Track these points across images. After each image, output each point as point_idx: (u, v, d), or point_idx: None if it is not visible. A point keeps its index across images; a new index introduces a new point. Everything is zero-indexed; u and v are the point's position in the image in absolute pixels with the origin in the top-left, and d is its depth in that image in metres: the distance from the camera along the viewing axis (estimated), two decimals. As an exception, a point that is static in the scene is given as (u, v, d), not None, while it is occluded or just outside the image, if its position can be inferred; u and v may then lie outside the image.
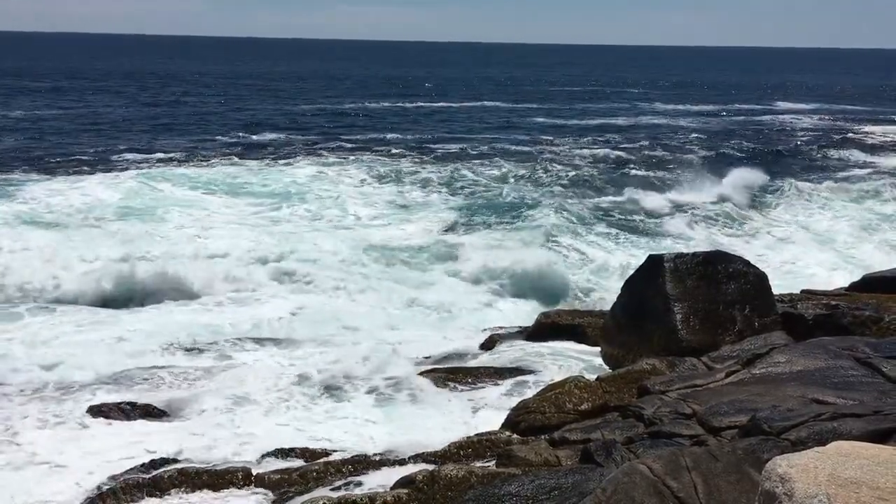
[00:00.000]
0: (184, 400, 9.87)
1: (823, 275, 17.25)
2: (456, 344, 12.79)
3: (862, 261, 18.36)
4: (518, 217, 21.65)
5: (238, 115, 45.19)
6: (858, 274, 13.72)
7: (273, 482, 7.39)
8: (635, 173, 28.68)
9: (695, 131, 42.12)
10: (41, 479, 7.99)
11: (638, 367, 9.26)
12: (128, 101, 50.93)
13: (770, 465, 3.15)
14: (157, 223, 19.68)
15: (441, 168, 28.22)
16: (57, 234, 17.91)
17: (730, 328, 10.32)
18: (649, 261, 11.26)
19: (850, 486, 2.94)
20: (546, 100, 64.18)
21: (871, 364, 7.68)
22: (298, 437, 8.84)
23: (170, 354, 12.07)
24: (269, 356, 12.03)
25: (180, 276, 15.37)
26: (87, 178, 24.15)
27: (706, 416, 6.82)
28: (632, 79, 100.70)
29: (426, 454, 7.99)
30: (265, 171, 26.40)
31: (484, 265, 16.81)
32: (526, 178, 27.17)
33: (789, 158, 33.45)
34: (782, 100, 66.91)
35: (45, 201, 21.27)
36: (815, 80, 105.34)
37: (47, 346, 12.35)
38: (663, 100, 66.45)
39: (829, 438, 5.13)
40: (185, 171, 25.75)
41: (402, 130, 40.47)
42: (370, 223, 20.93)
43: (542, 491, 5.68)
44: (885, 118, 51.64)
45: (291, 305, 14.54)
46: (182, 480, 7.37)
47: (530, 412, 8.58)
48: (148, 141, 33.35)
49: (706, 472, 4.82)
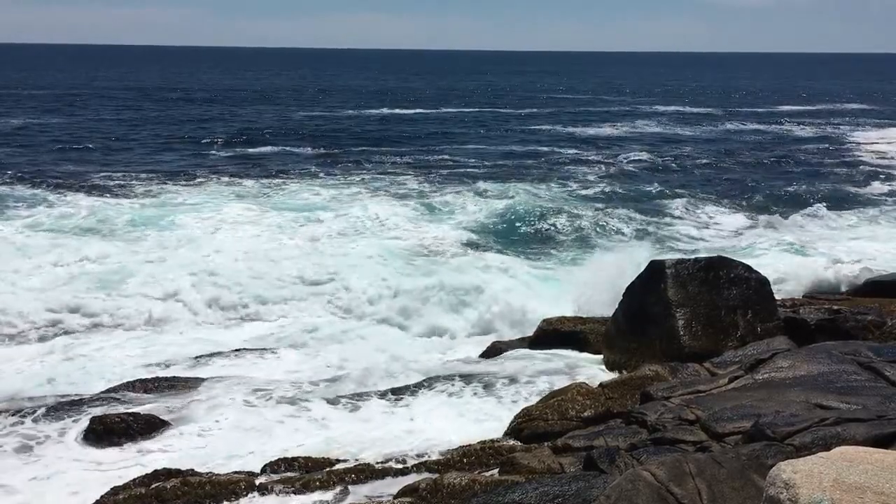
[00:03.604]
0: (187, 410, 9.86)
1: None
2: (458, 352, 12.79)
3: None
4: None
5: (236, 126, 45.16)
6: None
7: (276, 492, 7.38)
8: (669, 187, 28.08)
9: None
10: (41, 492, 7.97)
11: (640, 374, 9.25)
12: (114, 113, 50.49)
13: (774, 470, 3.15)
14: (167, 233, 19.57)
15: (445, 183, 27.75)
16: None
17: (732, 333, 10.33)
18: (651, 267, 11.28)
19: (855, 491, 2.94)
20: (550, 105, 64.35)
21: (875, 368, 7.68)
22: (302, 447, 8.82)
23: (174, 364, 12.08)
24: (274, 366, 12.03)
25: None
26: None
27: (709, 421, 6.82)
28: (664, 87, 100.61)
29: (429, 462, 7.98)
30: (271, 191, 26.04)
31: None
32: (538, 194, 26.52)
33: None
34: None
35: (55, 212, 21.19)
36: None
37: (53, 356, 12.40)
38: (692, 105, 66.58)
39: (832, 443, 5.13)
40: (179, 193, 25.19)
41: (403, 140, 40.53)
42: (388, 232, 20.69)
43: (545, 498, 5.68)
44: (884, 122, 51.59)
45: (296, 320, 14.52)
46: (185, 491, 7.36)
47: (533, 419, 8.57)
48: (139, 158, 32.82)
49: (710, 479, 4.81)
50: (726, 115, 57.96)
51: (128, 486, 7.67)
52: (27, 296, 14.72)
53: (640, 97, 77.85)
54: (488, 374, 10.82)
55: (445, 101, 69.19)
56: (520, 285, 16.13)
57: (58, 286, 15.32)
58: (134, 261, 17.25)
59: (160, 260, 17.35)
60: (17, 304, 14.30)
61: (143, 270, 16.43)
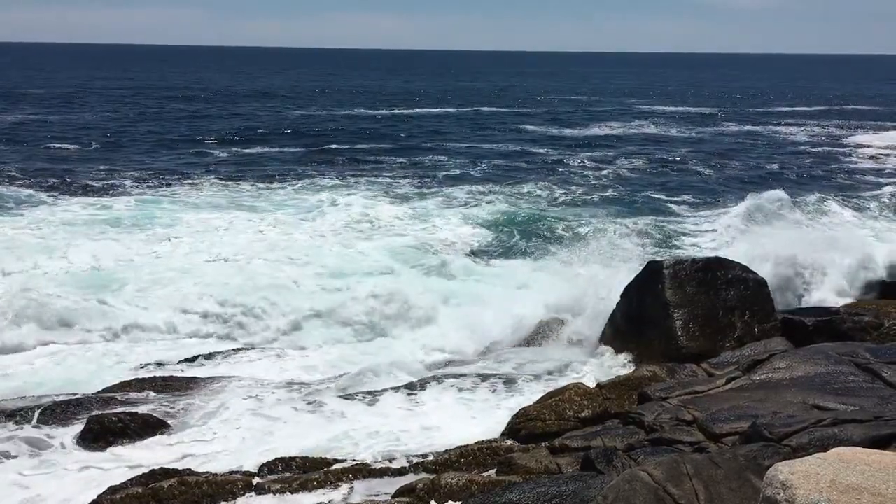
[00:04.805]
0: (184, 410, 9.85)
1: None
2: (453, 351, 12.80)
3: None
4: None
5: (235, 126, 45.10)
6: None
7: (273, 491, 7.37)
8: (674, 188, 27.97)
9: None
10: (39, 492, 7.96)
11: (638, 374, 9.26)
12: (114, 113, 50.50)
13: (771, 471, 3.15)
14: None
15: (448, 184, 27.68)
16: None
17: (729, 334, 10.34)
18: (649, 267, 11.29)
19: (852, 492, 2.95)
20: (545, 105, 64.37)
21: (872, 369, 7.69)
22: (299, 447, 8.81)
23: (171, 364, 12.08)
24: (271, 365, 12.03)
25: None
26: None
27: (707, 422, 6.83)
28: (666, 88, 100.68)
29: (426, 463, 7.98)
30: (269, 192, 25.99)
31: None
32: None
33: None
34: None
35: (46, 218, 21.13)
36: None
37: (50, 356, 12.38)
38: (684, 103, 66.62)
39: (830, 444, 5.13)
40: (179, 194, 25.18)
41: (399, 139, 40.51)
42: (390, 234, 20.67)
43: (542, 499, 5.68)
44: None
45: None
46: (182, 491, 7.35)
47: (530, 419, 8.58)
48: (141, 159, 32.91)
49: (707, 479, 4.82)
50: (724, 117, 57.99)
51: (125, 485, 7.66)
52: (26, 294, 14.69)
53: (638, 98, 77.90)
54: (485, 373, 10.82)
55: (444, 100, 69.20)
56: (519, 285, 16.13)
57: (57, 286, 15.29)
58: (130, 260, 17.24)
59: (156, 259, 17.34)
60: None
61: (140, 269, 16.41)
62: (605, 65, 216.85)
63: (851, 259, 14.02)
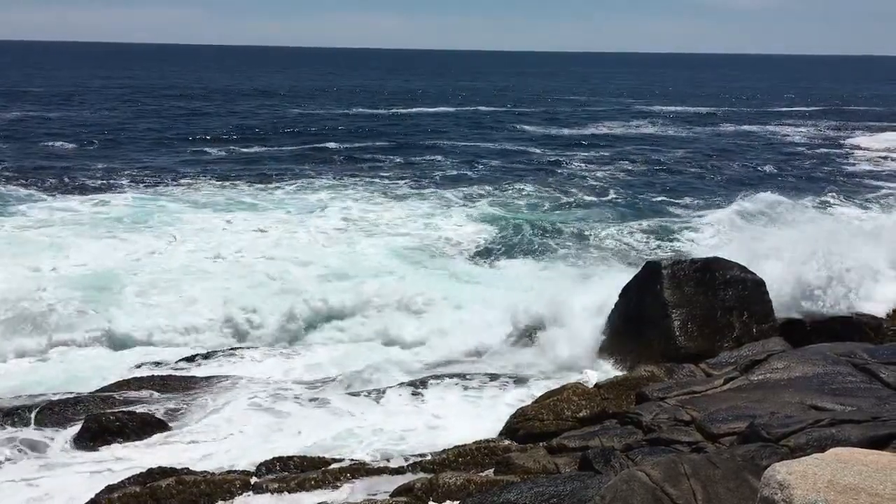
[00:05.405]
0: (182, 409, 9.85)
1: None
2: (453, 350, 12.79)
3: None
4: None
5: (234, 125, 45.05)
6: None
7: (271, 491, 7.37)
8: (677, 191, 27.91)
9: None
10: (38, 492, 7.96)
11: (636, 374, 9.26)
12: (113, 111, 50.42)
13: (769, 471, 3.15)
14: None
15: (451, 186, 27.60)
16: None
17: (728, 334, 10.34)
18: (647, 267, 11.28)
19: (849, 492, 2.94)
20: (543, 104, 64.36)
21: (869, 370, 7.69)
22: (297, 446, 8.81)
23: (169, 363, 12.07)
24: (270, 365, 12.02)
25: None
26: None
27: (705, 422, 6.83)
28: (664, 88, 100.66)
29: (424, 462, 7.98)
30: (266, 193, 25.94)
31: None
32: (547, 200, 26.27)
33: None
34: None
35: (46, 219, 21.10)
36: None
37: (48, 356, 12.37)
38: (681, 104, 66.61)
39: (827, 445, 5.13)
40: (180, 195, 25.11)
41: (394, 137, 40.49)
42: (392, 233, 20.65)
43: (540, 498, 5.68)
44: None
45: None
46: (180, 490, 7.34)
47: (528, 419, 8.58)
48: (139, 158, 32.81)
49: (705, 479, 4.81)
50: (723, 117, 58.02)
51: (122, 484, 7.66)
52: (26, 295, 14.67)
53: (637, 98, 77.89)
54: (483, 373, 10.82)
55: (443, 100, 69.19)
56: (520, 285, 16.13)
57: (58, 286, 15.27)
58: (130, 259, 17.22)
59: (155, 258, 17.33)
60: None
61: (140, 269, 16.40)
62: (604, 65, 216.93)
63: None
